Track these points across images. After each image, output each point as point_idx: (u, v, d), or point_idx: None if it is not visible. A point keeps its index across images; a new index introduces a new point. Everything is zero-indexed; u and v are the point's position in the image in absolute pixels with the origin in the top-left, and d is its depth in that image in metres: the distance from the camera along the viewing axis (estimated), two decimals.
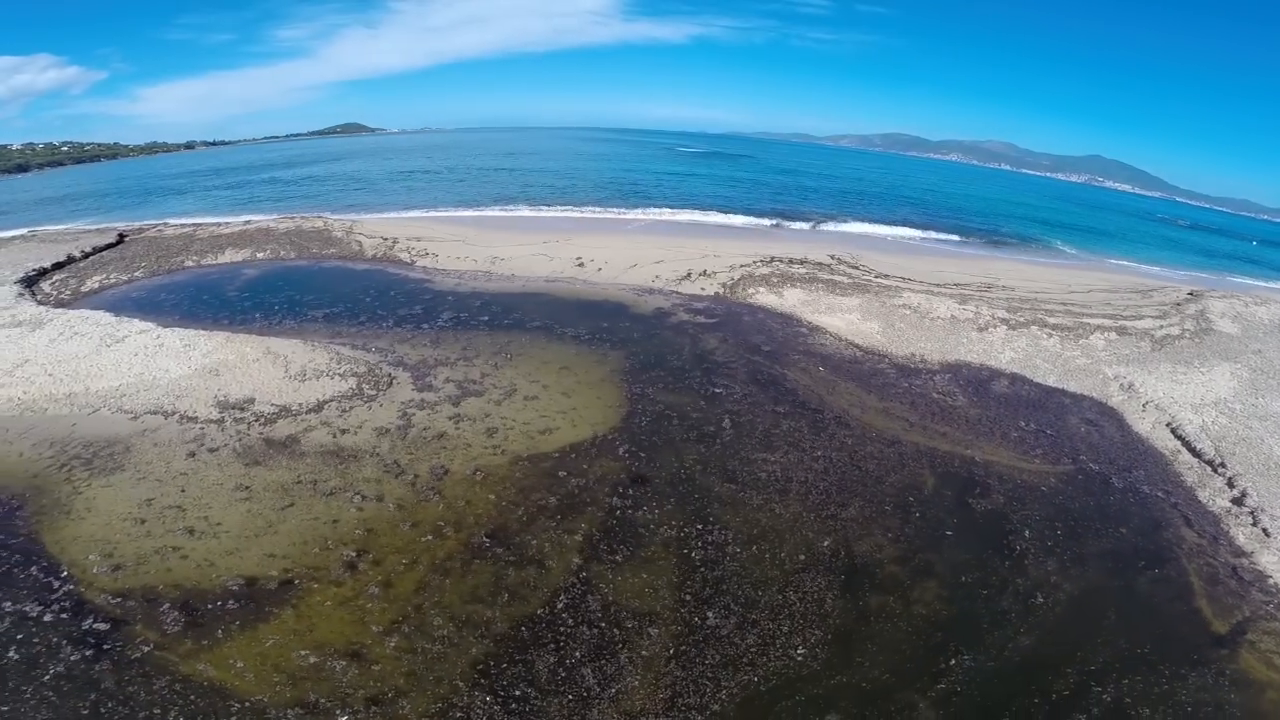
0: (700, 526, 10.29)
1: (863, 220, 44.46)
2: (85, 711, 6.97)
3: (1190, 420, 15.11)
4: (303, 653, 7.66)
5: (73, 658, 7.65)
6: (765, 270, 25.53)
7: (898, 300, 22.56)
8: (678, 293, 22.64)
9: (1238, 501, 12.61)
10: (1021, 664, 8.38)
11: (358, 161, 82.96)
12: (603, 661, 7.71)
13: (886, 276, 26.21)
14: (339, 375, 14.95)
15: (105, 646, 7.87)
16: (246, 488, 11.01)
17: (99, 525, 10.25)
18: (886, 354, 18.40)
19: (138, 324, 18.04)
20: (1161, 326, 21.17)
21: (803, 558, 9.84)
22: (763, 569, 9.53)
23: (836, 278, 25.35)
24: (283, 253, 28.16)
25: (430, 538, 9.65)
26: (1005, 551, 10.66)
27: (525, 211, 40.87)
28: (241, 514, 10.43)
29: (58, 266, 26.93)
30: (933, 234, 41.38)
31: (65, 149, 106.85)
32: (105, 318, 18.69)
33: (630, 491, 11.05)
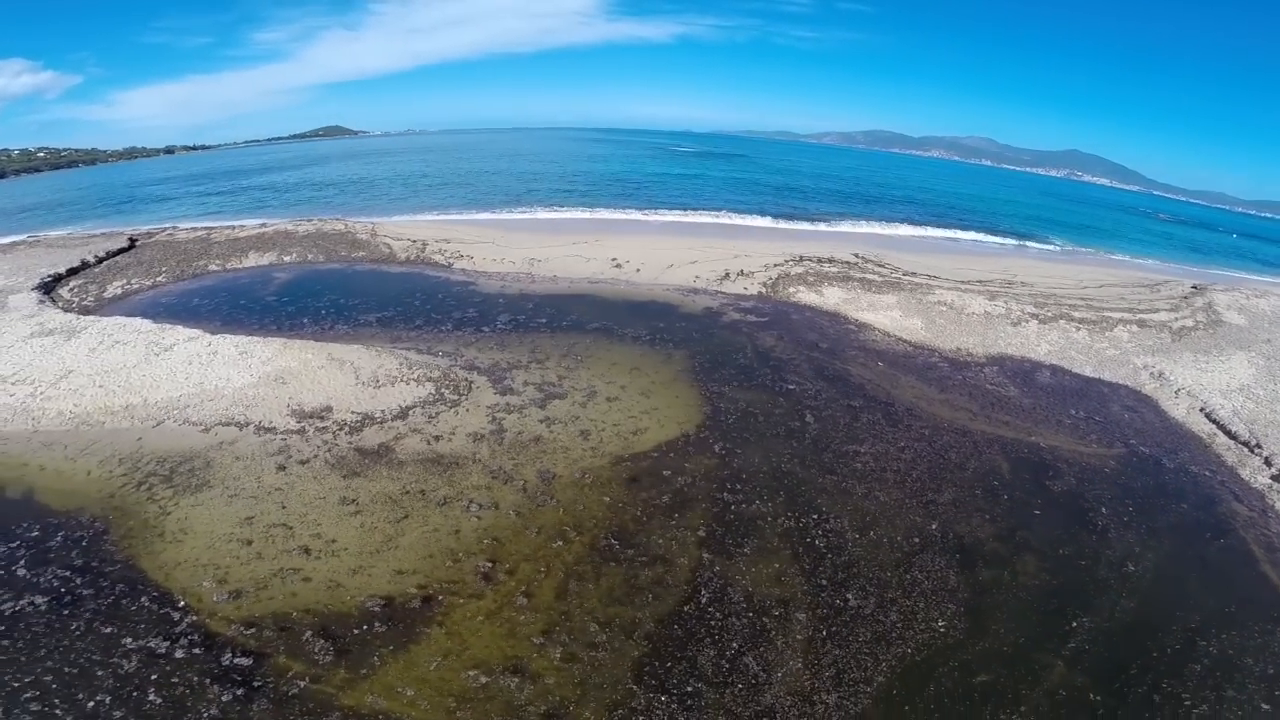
0: (815, 516, 10.92)
1: (871, 220, 46.07)
2: None
3: (1221, 405, 16.52)
4: (471, 673, 7.55)
5: (224, 699, 7.28)
6: (799, 270, 26.50)
7: (932, 297, 23.76)
8: (722, 292, 23.37)
9: (1277, 479, 13.97)
10: (1131, 624, 9.29)
11: (351, 164, 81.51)
12: (761, 648, 8.20)
13: (914, 274, 27.48)
14: (414, 380, 15.08)
15: (255, 684, 7.50)
16: (353, 501, 10.90)
17: (201, 548, 9.95)
18: (935, 348, 19.48)
19: (182, 331, 17.75)
20: (1177, 319, 22.88)
21: (916, 540, 10.59)
22: (883, 552, 10.23)
23: (868, 276, 26.48)
24: (310, 256, 27.83)
25: (560, 543, 9.88)
26: (1089, 527, 11.64)
27: (541, 214, 41.07)
28: (355, 529, 10.24)
29: (72, 272, 26.18)
30: (940, 232, 43.22)
31: (42, 155, 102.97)
32: (143, 324, 18.31)
33: (738, 486, 11.61)
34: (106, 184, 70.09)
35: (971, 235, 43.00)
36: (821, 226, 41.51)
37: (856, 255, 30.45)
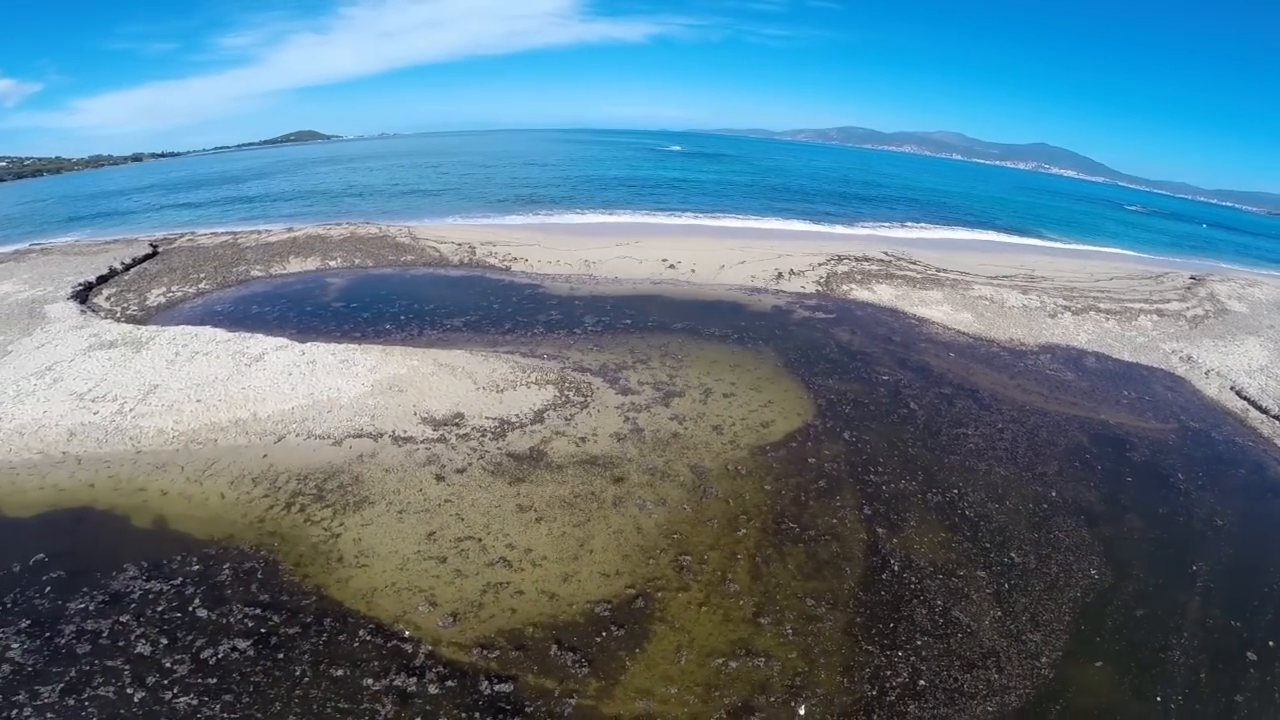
0: (955, 492, 12.33)
1: (880, 221, 48.89)
2: None
3: (1249, 384, 19.05)
4: (718, 660, 8.07)
5: None
6: (844, 269, 28.30)
7: (972, 293, 25.94)
8: (782, 291, 24.83)
9: None
10: (1242, 566, 11.11)
11: (339, 171, 79.52)
12: (961, 603, 9.48)
13: (946, 271, 29.74)
14: (534, 384, 15.73)
15: (528, 709, 7.51)
16: (529, 508, 11.18)
17: (392, 570, 9.77)
18: (992, 339, 21.47)
19: (265, 340, 17.63)
20: (1188, 309, 25.81)
21: (1045, 506, 12.18)
22: (1022, 518, 11.72)
23: (907, 274, 28.52)
24: (357, 260, 27.77)
25: (742, 531, 10.77)
26: (1173, 490, 13.54)
27: (565, 217, 41.66)
28: (544, 536, 10.45)
29: (102, 280, 25.49)
30: (952, 233, 46.24)
31: (3, 164, 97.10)
32: (217, 333, 18.15)
33: (877, 469, 12.91)
34: (86, 193, 66.85)
35: (980, 235, 46.16)
36: (840, 228, 43.74)
37: (887, 254, 32.61)
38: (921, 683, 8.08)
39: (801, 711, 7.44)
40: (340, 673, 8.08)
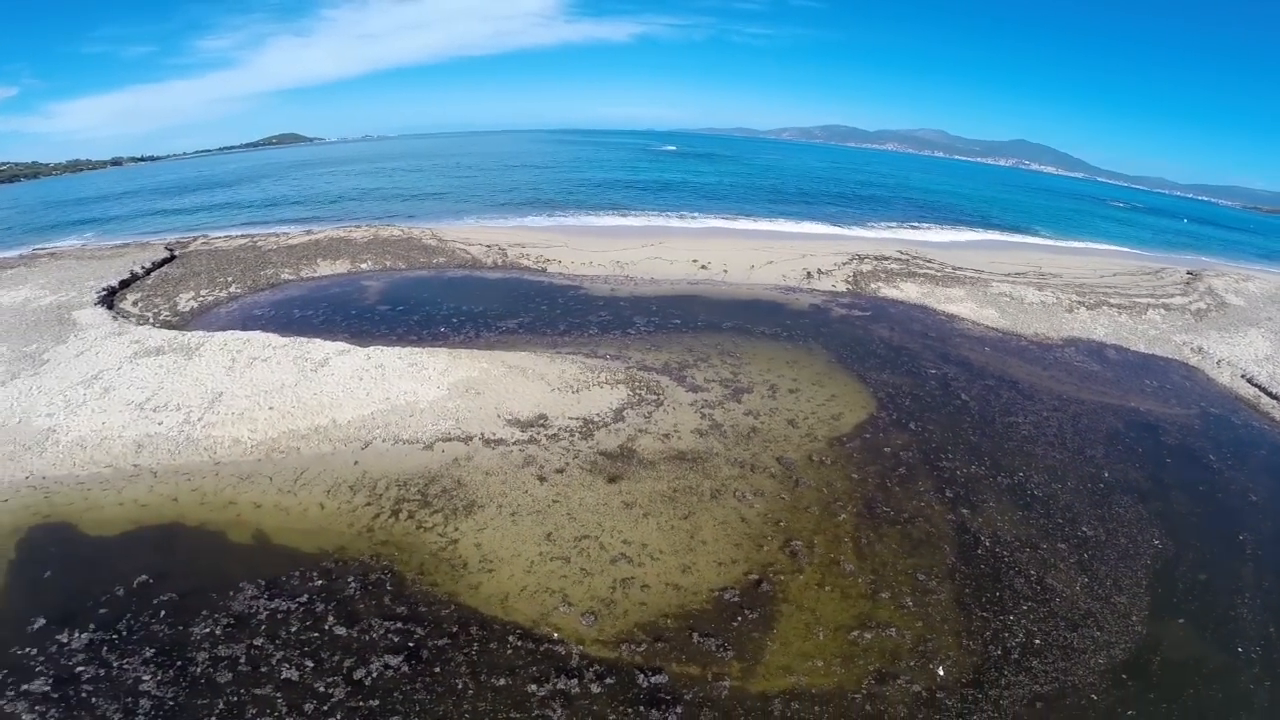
0: (1020, 475, 13.46)
1: (886, 221, 50.73)
2: None
3: (1258, 372, 20.84)
4: (850, 633, 8.79)
5: None
6: (868, 268, 29.62)
7: (992, 290, 27.49)
8: (815, 290, 25.95)
9: None
10: (1278, 537, 12.46)
11: (334, 174, 78.68)
12: (1053, 572, 10.55)
13: (961, 269, 31.35)
14: (605, 384, 16.36)
15: (687, 697, 7.95)
16: (634, 504, 11.58)
17: (520, 573, 10.01)
18: (1019, 334, 22.91)
19: (324, 344, 17.84)
20: (1191, 303, 27.83)
21: (1101, 485, 13.41)
22: (1084, 496, 12.91)
23: (927, 272, 30.00)
24: (389, 263, 27.99)
25: (841, 516, 11.59)
26: (1208, 469, 14.93)
27: (579, 219, 42.25)
28: (654, 531, 10.95)
29: (124, 284, 25.26)
30: (954, 233, 48.21)
31: None
32: (270, 339, 18.24)
33: (947, 456, 13.95)
34: (72, 198, 64.89)
35: (983, 234, 48.20)
36: (850, 230, 45.26)
37: (902, 253, 34.14)
38: (1037, 641, 9.07)
39: (940, 672, 8.31)
40: (502, 682, 8.17)
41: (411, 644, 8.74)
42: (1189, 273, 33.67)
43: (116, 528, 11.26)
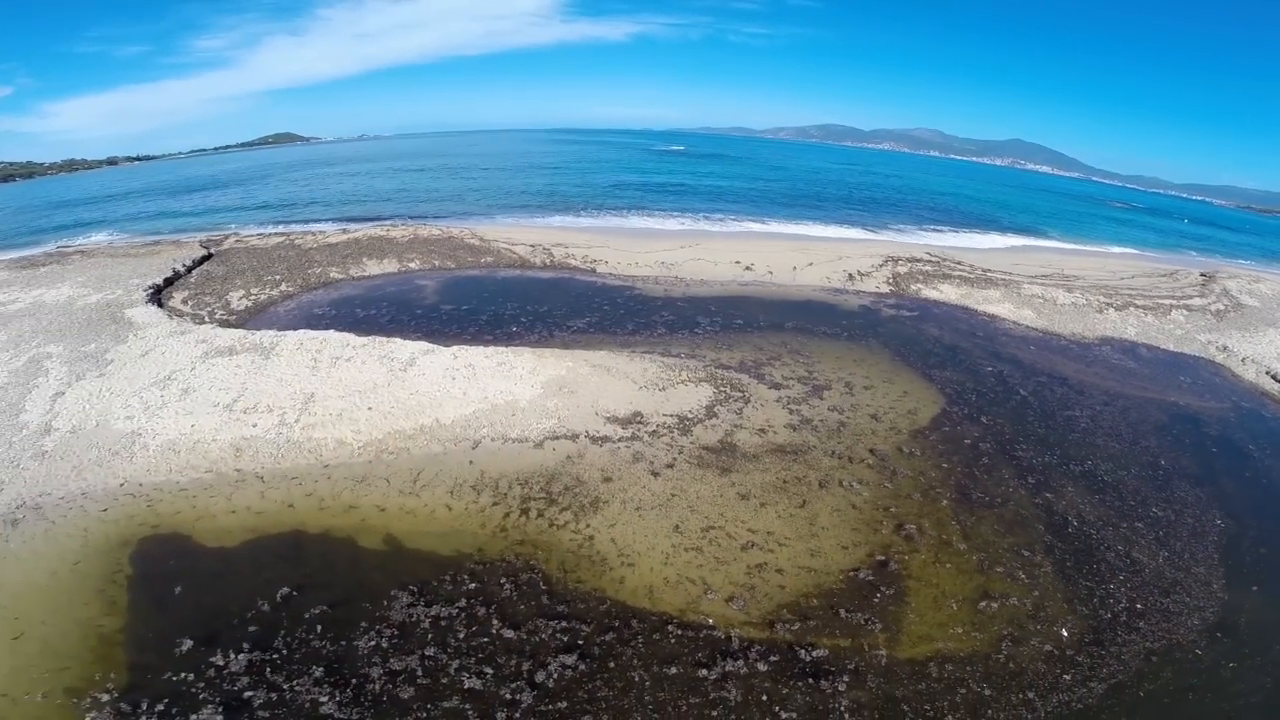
0: (1089, 463, 14.88)
1: (904, 224, 52.45)
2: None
3: None
4: (976, 603, 9.84)
5: (839, 688, 8.34)
6: (904, 269, 31.08)
7: (1025, 291, 29.08)
8: (861, 291, 27.34)
9: None
10: None
11: (341, 175, 78.81)
12: (1136, 547, 11.91)
13: (991, 271, 32.97)
14: (689, 382, 17.44)
15: (849, 665, 8.73)
16: (749, 495, 12.42)
17: (659, 565, 10.54)
18: (1058, 334, 24.47)
19: (406, 344, 18.39)
20: (1210, 304, 29.70)
21: (1160, 471, 14.90)
22: (1148, 482, 14.36)
23: (960, 274, 31.55)
24: (436, 262, 28.84)
25: (943, 502, 12.80)
26: (1249, 458, 16.51)
27: (611, 220, 43.29)
28: (774, 519, 11.79)
29: (168, 283, 25.74)
30: (972, 235, 50.03)
31: None
32: (348, 338, 18.75)
33: (1021, 447, 15.32)
34: (75, 197, 64.94)
35: (999, 238, 50.01)
36: (881, 234, 46.76)
37: (930, 255, 35.71)
38: (1138, 606, 10.40)
39: (1064, 633, 9.58)
40: (673, 670, 8.60)
41: (580, 641, 9.04)
42: (1202, 275, 35.70)
43: (235, 537, 11.08)
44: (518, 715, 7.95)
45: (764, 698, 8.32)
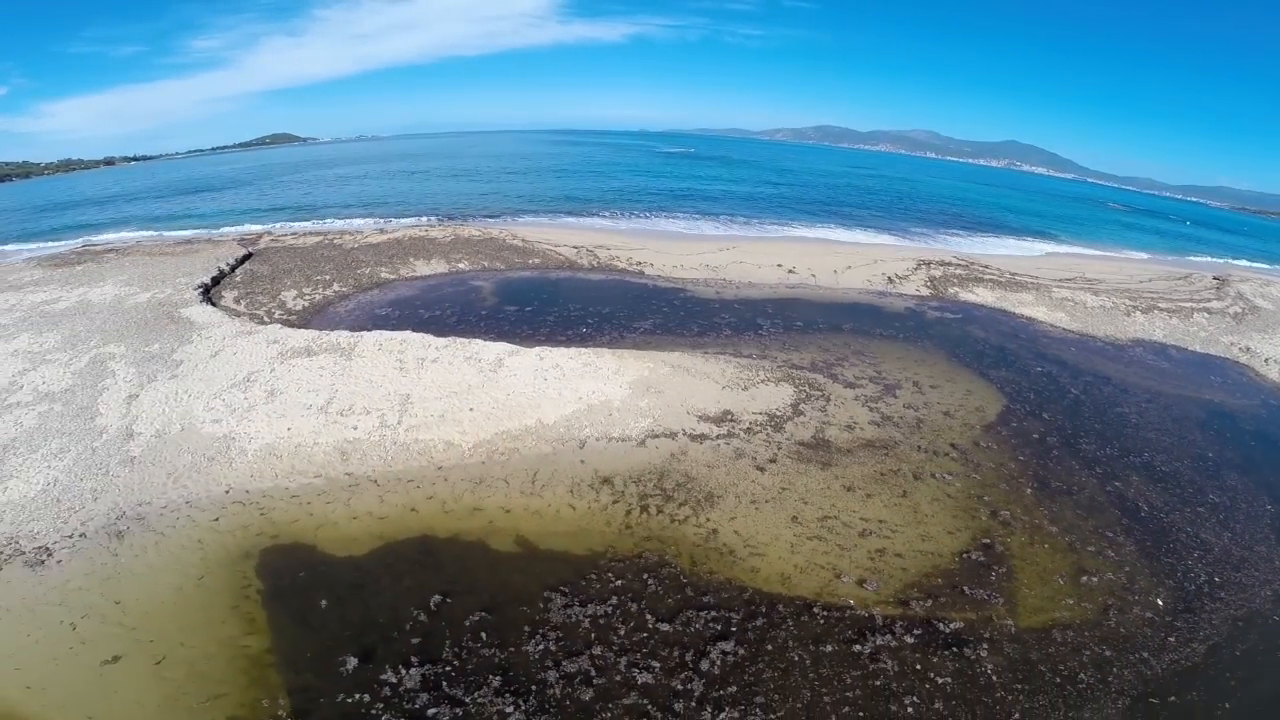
0: (1146, 455, 16.41)
1: (927, 227, 54.31)
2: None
3: None
4: (1077, 579, 11.09)
5: (981, 653, 9.33)
6: (938, 273, 32.67)
7: (1055, 295, 30.80)
8: (903, 294, 28.84)
9: None
10: None
11: (349, 176, 79.00)
12: (1203, 529, 13.38)
13: (1018, 275, 34.70)
14: (768, 382, 18.65)
15: (984, 634, 9.78)
16: (854, 487, 13.44)
17: (786, 553, 11.26)
18: (1093, 336, 26.13)
19: (488, 345, 19.05)
20: (1227, 307, 31.66)
21: (1209, 462, 16.47)
22: (1203, 472, 15.90)
23: (991, 277, 33.23)
24: (485, 263, 29.88)
25: (1027, 490, 14.14)
26: None
27: (638, 223, 44.59)
28: (881, 508, 12.77)
29: (215, 281, 26.37)
30: (988, 239, 51.97)
31: None
32: (427, 339, 19.33)
33: (1085, 440, 16.80)
34: (78, 198, 65.07)
35: (1017, 241, 51.94)
36: (905, 240, 48.54)
37: (958, 258, 37.40)
38: (1216, 579, 11.83)
39: (1160, 602, 10.96)
40: (829, 648, 9.33)
41: (733, 629, 9.57)
42: (1215, 279, 37.82)
43: (362, 545, 11.05)
44: (694, 704, 8.37)
45: (917, 666, 9.32)
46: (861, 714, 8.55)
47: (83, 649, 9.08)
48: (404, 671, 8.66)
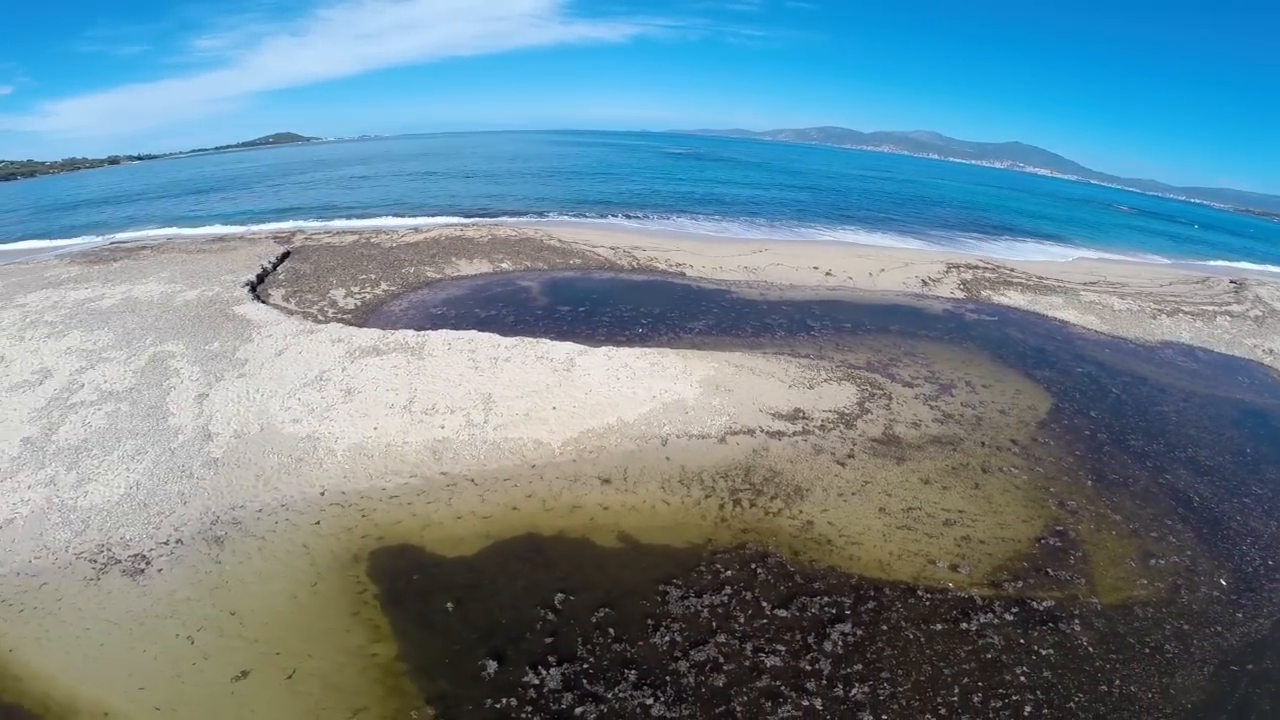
0: (1190, 451, 17.67)
1: (947, 230, 55.75)
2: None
3: None
4: (1146, 561, 12.19)
5: (1076, 627, 10.27)
6: (969, 276, 33.96)
7: (1083, 298, 32.14)
8: (938, 296, 30.10)
9: None
10: None
11: (360, 176, 79.66)
12: (1253, 514, 14.65)
13: (1045, 279, 36.06)
14: (831, 381, 19.74)
15: (1075, 611, 10.70)
16: (929, 480, 14.35)
17: (880, 542, 12.05)
18: (1124, 338, 27.45)
19: (555, 345, 19.77)
20: (1247, 310, 33.14)
21: (1248, 457, 17.78)
22: (1245, 466, 17.18)
23: (1020, 281, 34.56)
24: (527, 263, 30.91)
25: (1088, 482, 15.25)
26: None
27: (667, 224, 45.71)
28: (958, 499, 13.72)
29: (259, 279, 27.02)
30: (1012, 242, 53.43)
31: None
32: (495, 339, 20.00)
33: (1133, 438, 18.04)
34: (89, 196, 65.78)
35: (1036, 245, 53.17)
36: (928, 244, 49.85)
37: (984, 262, 38.74)
38: (1270, 562, 13.08)
39: (1223, 582, 12.16)
40: (938, 626, 10.15)
41: (848, 611, 10.22)
42: (1232, 282, 39.36)
43: (470, 545, 11.18)
44: (824, 683, 8.95)
45: (1020, 641, 10.31)
46: (980, 683, 9.59)
47: (206, 664, 8.77)
48: (545, 672, 8.80)
